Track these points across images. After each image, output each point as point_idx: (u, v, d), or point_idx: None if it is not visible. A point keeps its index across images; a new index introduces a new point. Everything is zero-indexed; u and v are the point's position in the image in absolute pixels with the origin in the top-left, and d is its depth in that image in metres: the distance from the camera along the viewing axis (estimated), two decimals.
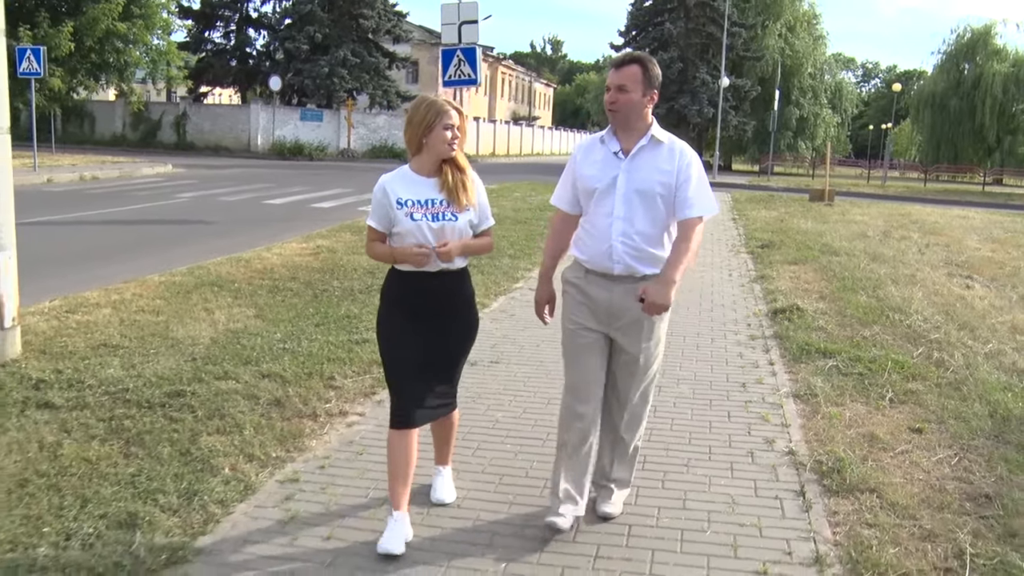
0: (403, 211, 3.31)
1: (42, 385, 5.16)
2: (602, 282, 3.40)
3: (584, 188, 3.43)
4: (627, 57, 3.37)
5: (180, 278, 8.60)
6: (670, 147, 3.37)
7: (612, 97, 3.33)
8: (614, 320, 3.41)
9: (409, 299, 3.40)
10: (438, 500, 3.73)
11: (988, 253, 13.39)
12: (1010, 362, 6.41)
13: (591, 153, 3.47)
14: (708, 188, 3.39)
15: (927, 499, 3.94)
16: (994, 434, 4.85)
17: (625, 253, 3.33)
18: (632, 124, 3.35)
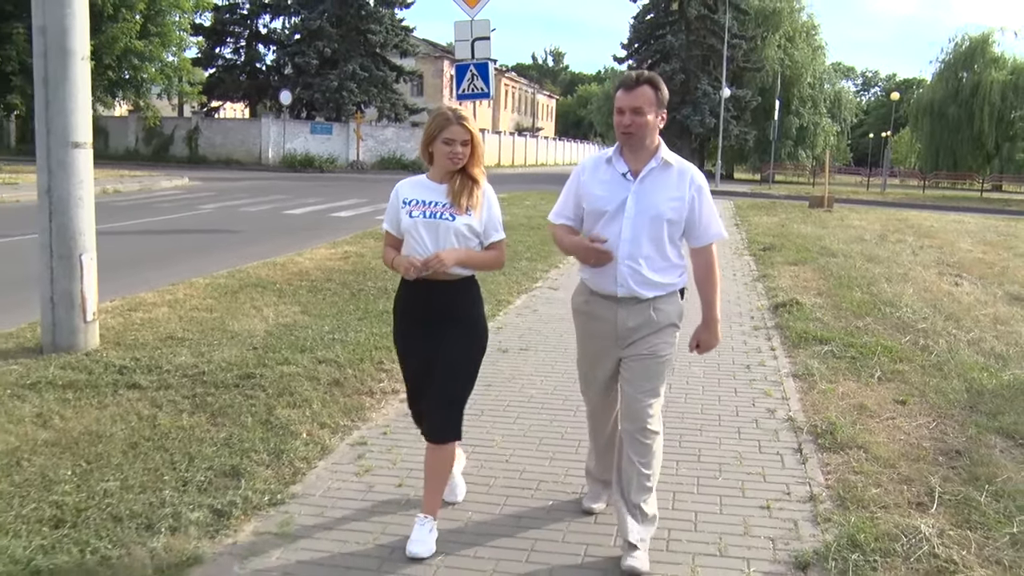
0: (405, 209, 3.38)
1: (125, 370, 5.82)
2: (607, 304, 3.40)
3: (592, 209, 3.39)
4: (638, 78, 3.30)
5: (224, 280, 9.28)
6: (680, 171, 3.35)
7: (628, 120, 3.26)
8: (622, 340, 3.41)
9: (409, 305, 3.46)
10: (412, 554, 3.36)
11: (979, 255, 14.05)
12: (989, 347, 7.07)
13: (597, 173, 3.42)
14: (715, 211, 3.42)
15: (906, 453, 4.60)
16: (969, 405, 5.51)
17: (629, 276, 3.31)
18: (644, 146, 3.33)
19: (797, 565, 3.39)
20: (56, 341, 6.18)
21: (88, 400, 5.19)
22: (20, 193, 20.21)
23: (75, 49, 5.97)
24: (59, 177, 6.04)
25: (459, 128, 3.30)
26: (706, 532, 3.67)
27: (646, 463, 3.39)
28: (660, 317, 3.37)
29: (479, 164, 3.40)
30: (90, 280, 6.33)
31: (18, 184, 22.51)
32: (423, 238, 3.33)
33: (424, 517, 3.46)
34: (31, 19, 6.05)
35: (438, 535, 3.48)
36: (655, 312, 3.36)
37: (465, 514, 3.83)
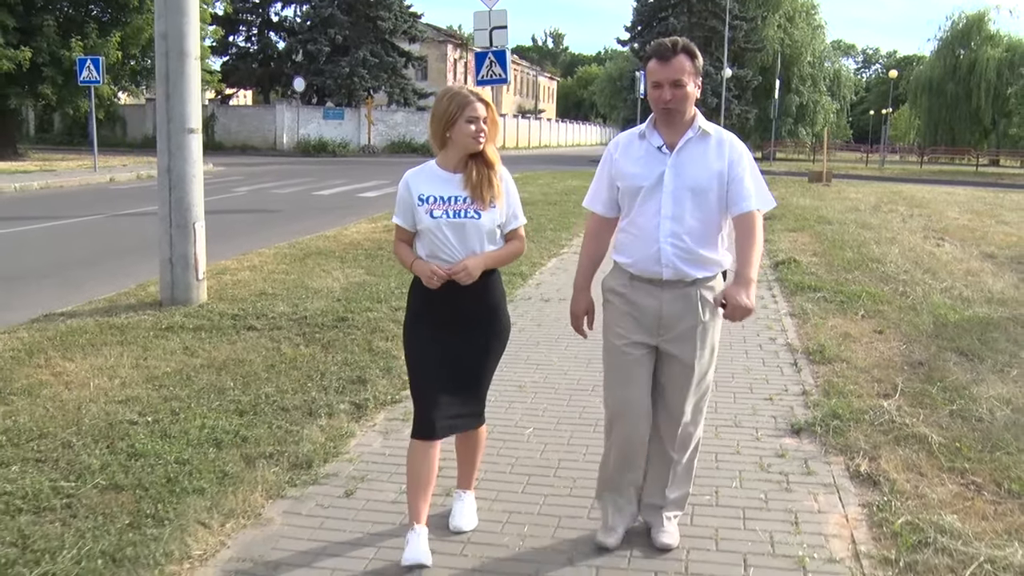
0: (423, 208, 3.16)
1: (238, 317, 7.05)
2: (650, 288, 3.14)
3: (628, 187, 3.16)
4: (673, 46, 3.03)
5: (287, 250, 10.51)
6: (719, 139, 3.12)
7: (668, 94, 3.01)
8: (665, 331, 3.15)
9: (431, 308, 3.22)
10: (456, 527, 3.43)
11: (965, 222, 15.26)
12: (958, 293, 8.30)
13: (631, 150, 3.19)
14: (763, 180, 3.15)
15: (879, 364, 5.84)
16: (934, 333, 6.74)
17: (675, 255, 3.06)
18: (682, 118, 3.10)
19: (793, 431, 4.63)
20: (174, 296, 7.40)
21: (218, 338, 6.43)
22: (62, 179, 21.43)
23: (190, 51, 7.15)
24: (177, 158, 7.23)
25: (481, 104, 3.10)
26: (724, 414, 4.89)
27: (688, 468, 3.37)
28: (704, 307, 3.12)
29: (493, 140, 3.20)
30: (201, 245, 7.54)
31: (56, 171, 23.70)
32: (448, 239, 3.14)
33: (464, 492, 3.55)
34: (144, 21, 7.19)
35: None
36: (700, 300, 3.11)
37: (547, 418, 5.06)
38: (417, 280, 3.27)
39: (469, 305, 3.22)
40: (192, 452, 4.18)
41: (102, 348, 6.11)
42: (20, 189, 19.16)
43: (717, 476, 4.04)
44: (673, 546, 3.30)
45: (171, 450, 4.19)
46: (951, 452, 4.27)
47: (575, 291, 3.42)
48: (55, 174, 22.51)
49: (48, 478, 3.86)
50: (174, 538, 3.35)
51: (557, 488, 3.94)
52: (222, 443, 4.33)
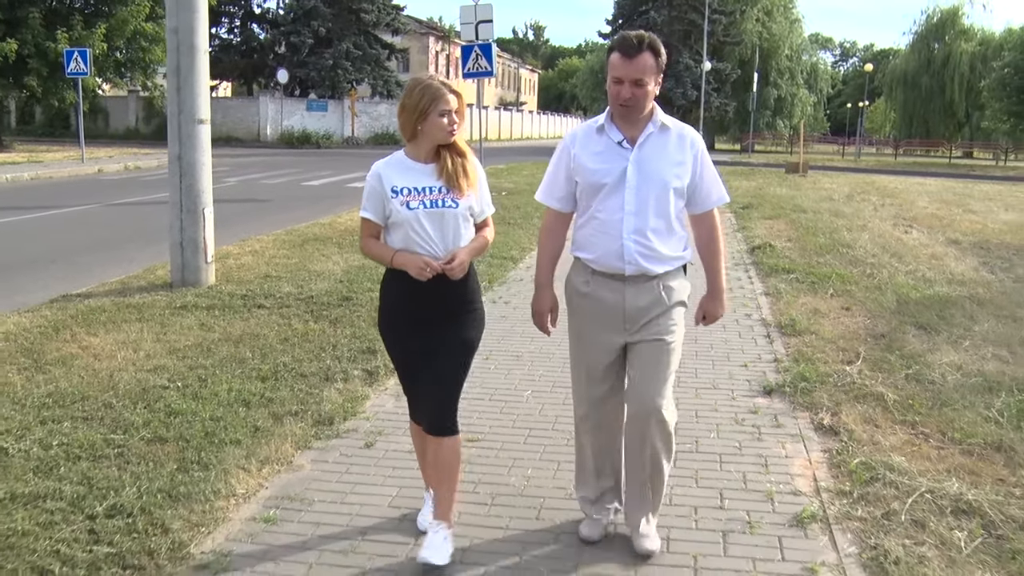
0: (398, 200, 3.05)
1: (247, 297, 7.47)
2: (613, 284, 3.12)
3: (588, 183, 3.11)
4: (639, 42, 2.97)
5: (285, 237, 10.92)
6: (679, 134, 3.11)
7: (628, 92, 2.97)
8: (631, 324, 3.14)
9: (411, 302, 3.13)
10: (424, 560, 3.09)
11: (933, 211, 15.89)
12: (921, 275, 8.86)
13: (589, 144, 3.13)
14: (717, 174, 3.22)
15: (844, 335, 6.36)
16: (897, 310, 7.28)
17: (637, 252, 3.06)
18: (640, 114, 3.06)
19: (765, 392, 5.14)
20: (184, 278, 7.81)
21: (231, 316, 6.85)
22: (51, 170, 21.64)
23: (200, 45, 7.55)
24: (188, 147, 7.64)
25: (452, 96, 3.04)
26: (703, 379, 5.39)
27: (660, 453, 3.19)
28: (669, 296, 3.12)
29: (460, 130, 3.14)
30: (210, 229, 7.96)
31: (44, 162, 23.89)
32: (426, 229, 3.05)
33: (438, 523, 3.18)
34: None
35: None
36: (664, 291, 3.12)
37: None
38: (391, 275, 3.16)
39: (450, 298, 3.13)
40: (224, 411, 4.63)
41: (122, 325, 6.53)
42: (11, 180, 19.39)
43: (696, 428, 4.54)
44: (655, 551, 3.23)
45: (204, 409, 4.63)
46: (904, 408, 4.80)
47: (537, 288, 3.33)
48: (44, 165, 22.72)
49: (98, 432, 4.30)
50: (219, 480, 3.80)
51: (555, 439, 4.43)
52: (250, 403, 4.78)
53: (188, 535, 3.34)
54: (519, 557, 3.26)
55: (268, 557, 3.24)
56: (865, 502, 3.65)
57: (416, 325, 3.15)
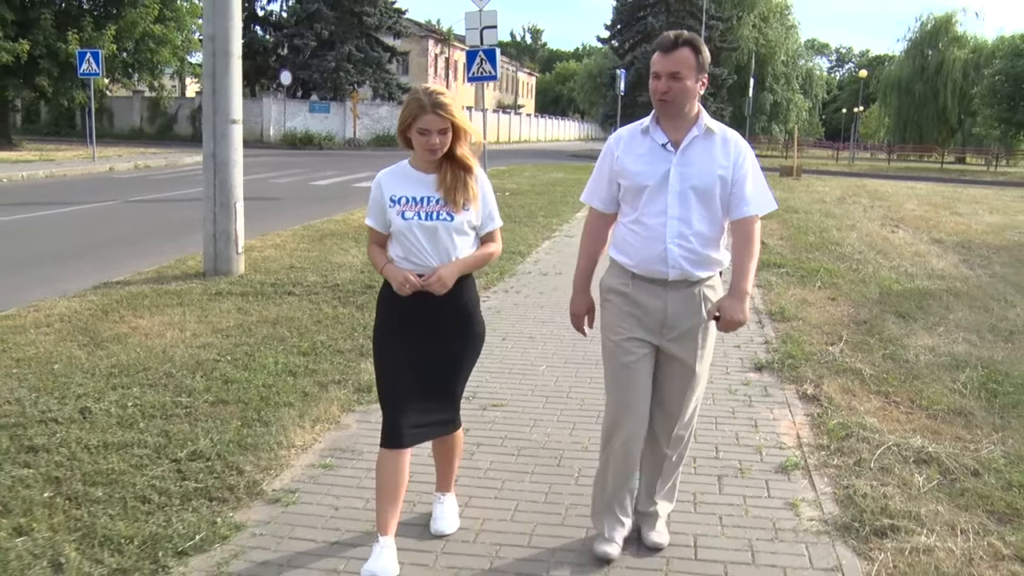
0: (395, 209, 3.05)
1: (276, 285, 8.04)
2: (654, 289, 3.07)
3: (631, 185, 3.08)
4: (677, 39, 2.98)
5: (303, 232, 11.48)
6: (723, 137, 3.06)
7: (664, 86, 2.96)
8: (668, 331, 3.09)
9: (403, 313, 3.10)
10: (438, 531, 3.37)
11: (921, 213, 16.51)
12: (904, 270, 9.46)
13: (633, 146, 3.11)
14: (765, 182, 3.12)
15: (829, 321, 6.95)
16: (879, 300, 7.87)
17: (681, 257, 3.00)
18: (683, 114, 3.02)
19: (756, 368, 5.72)
20: (217, 267, 8.37)
21: (265, 301, 7.42)
22: (64, 168, 22.17)
23: (233, 51, 8.11)
24: (222, 145, 8.20)
25: (434, 118, 2.94)
26: None
27: (679, 461, 3.35)
28: (707, 304, 3.08)
29: (465, 144, 3.07)
30: (240, 222, 8.51)
31: (56, 160, 24.41)
32: (420, 240, 3.04)
33: (443, 495, 3.47)
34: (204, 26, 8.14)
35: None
36: (703, 298, 3.07)
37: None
38: (388, 283, 3.15)
39: (442, 310, 3.08)
40: (274, 379, 5.20)
41: (165, 308, 7.09)
42: (27, 177, 19.92)
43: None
44: (664, 545, 3.32)
45: (257, 378, 5.20)
46: (879, 381, 5.39)
47: (575, 291, 3.34)
48: (56, 164, 23.22)
49: (165, 396, 4.87)
50: (279, 434, 4.37)
51: (569, 404, 5.00)
52: (296, 373, 5.35)
53: (259, 476, 3.91)
54: (544, 495, 3.83)
55: (330, 494, 3.81)
56: (840, 453, 4.24)
57: (410, 336, 3.11)
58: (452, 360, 3.18)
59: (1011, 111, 41.38)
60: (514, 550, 3.33)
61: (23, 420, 4.44)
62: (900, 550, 3.29)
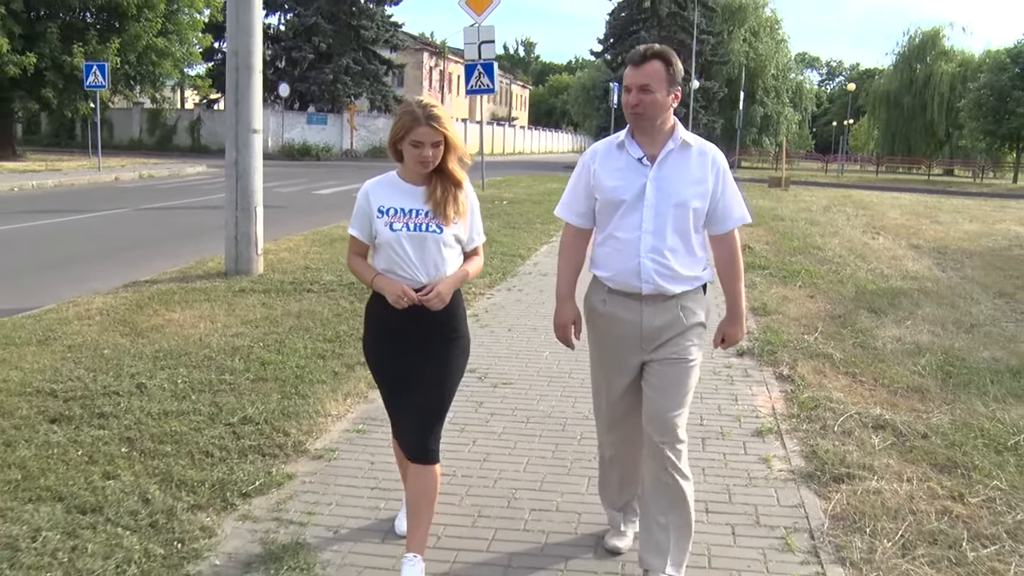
0: (383, 220, 3.01)
1: (294, 283, 8.62)
2: (629, 303, 3.08)
3: (607, 200, 3.08)
4: (647, 52, 2.99)
5: (313, 236, 12.08)
6: (700, 151, 3.06)
7: (634, 99, 2.96)
8: (647, 344, 3.09)
9: (390, 323, 3.07)
10: None
11: (903, 221, 17.20)
12: (880, 272, 10.11)
13: (609, 160, 3.10)
14: (739, 193, 3.16)
15: (807, 315, 7.58)
16: (855, 298, 8.51)
17: (655, 272, 3.00)
18: (656, 127, 3.02)
19: (738, 353, 6.33)
20: (238, 268, 8.96)
21: (286, 297, 8.00)
22: (71, 178, 22.73)
23: (255, 66, 8.73)
24: (244, 154, 8.80)
25: (427, 130, 2.93)
26: None
27: (674, 475, 3.10)
28: (687, 317, 3.07)
29: (456, 158, 3.05)
30: (260, 225, 9.11)
31: (62, 170, 24.96)
32: (407, 252, 3.00)
33: (413, 556, 3.08)
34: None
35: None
36: (682, 311, 3.06)
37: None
38: (374, 296, 3.13)
39: (433, 324, 3.05)
40: (305, 361, 5.79)
41: (194, 304, 7.67)
42: (38, 186, 20.47)
43: None
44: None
45: (289, 360, 5.79)
46: (848, 364, 6.01)
47: (559, 301, 3.32)
48: (63, 173, 23.77)
49: (210, 375, 5.45)
50: (316, 405, 4.96)
51: (571, 384, 5.60)
52: (324, 356, 5.95)
53: (303, 437, 4.50)
54: (551, 453, 4.43)
55: (365, 452, 4.40)
56: (808, 421, 4.85)
57: (397, 349, 3.09)
58: (441, 370, 3.11)
59: (996, 124, 42.26)
60: (528, 494, 3.93)
61: (88, 393, 5.02)
62: (853, 491, 3.90)
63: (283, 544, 3.37)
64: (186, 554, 3.26)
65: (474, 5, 19.25)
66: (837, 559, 3.34)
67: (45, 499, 3.63)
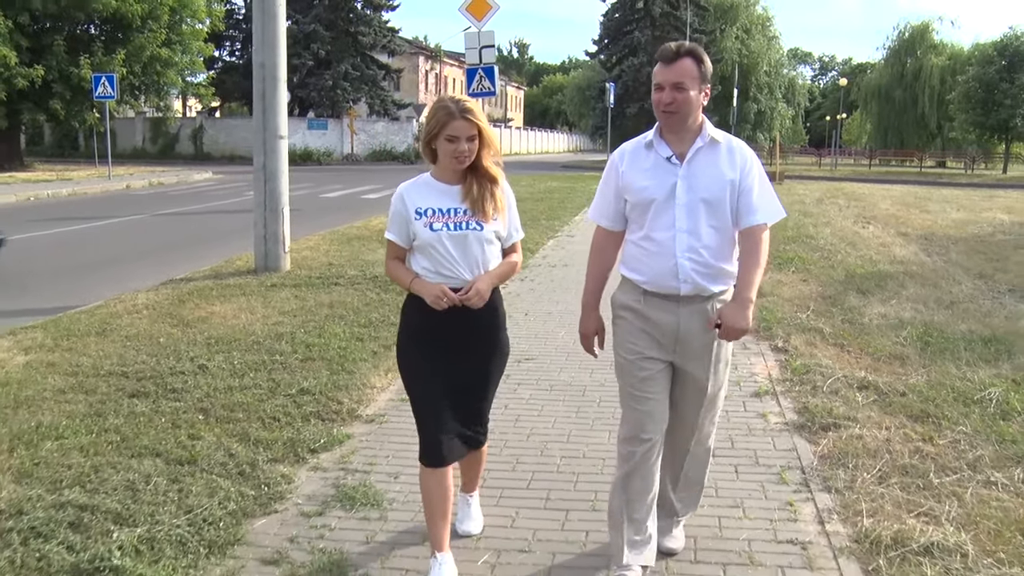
0: (421, 221, 3.00)
1: (321, 278, 9.22)
2: (666, 305, 3.02)
3: (638, 201, 3.04)
4: (679, 50, 2.96)
5: (330, 236, 12.69)
6: (728, 147, 3.02)
7: (668, 97, 2.93)
8: (682, 346, 3.05)
9: (429, 328, 3.06)
10: (465, 531, 3.46)
11: (893, 211, 17.83)
12: (868, 257, 10.74)
13: (638, 160, 3.07)
14: (772, 190, 3.07)
15: (799, 296, 8.20)
16: (844, 281, 9.13)
17: (693, 271, 2.95)
18: (687, 125, 2.98)
19: None
20: (267, 265, 9.56)
21: (316, 291, 8.61)
22: (83, 187, 23.32)
23: (280, 76, 9.34)
24: (271, 158, 9.41)
25: (463, 123, 2.94)
26: None
27: (702, 479, 3.29)
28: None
29: (490, 155, 3.05)
30: (287, 224, 9.72)
31: (74, 179, 25.54)
32: (449, 251, 3.00)
33: (469, 496, 3.55)
34: (252, 54, 9.36)
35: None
36: (714, 311, 3.01)
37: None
38: (411, 299, 3.12)
39: (472, 324, 3.05)
40: (346, 343, 6.40)
41: (231, 298, 8.26)
42: (52, 195, 21.06)
43: None
44: (677, 550, 3.36)
45: (332, 343, 6.40)
46: (836, 336, 6.64)
47: (584, 310, 3.28)
48: (75, 183, 24.34)
49: (261, 356, 6.05)
50: (362, 379, 5.57)
51: (588, 358, 6.09)
52: (363, 339, 6.56)
53: (354, 405, 5.11)
54: (575, 413, 5.04)
55: (410, 417, 4.98)
56: (801, 383, 5.47)
57: (435, 352, 3.07)
58: (482, 375, 3.15)
59: (984, 116, 42.93)
60: (557, 445, 4.55)
61: (156, 373, 5.63)
62: (839, 437, 4.52)
63: (353, 487, 3.97)
64: (272, 495, 3.87)
65: (474, 11, 19.71)
66: (824, 487, 3.96)
67: (145, 455, 4.24)
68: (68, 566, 3.14)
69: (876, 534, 3.42)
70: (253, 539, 3.47)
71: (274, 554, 3.35)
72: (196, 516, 3.58)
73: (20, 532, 3.36)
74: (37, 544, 3.28)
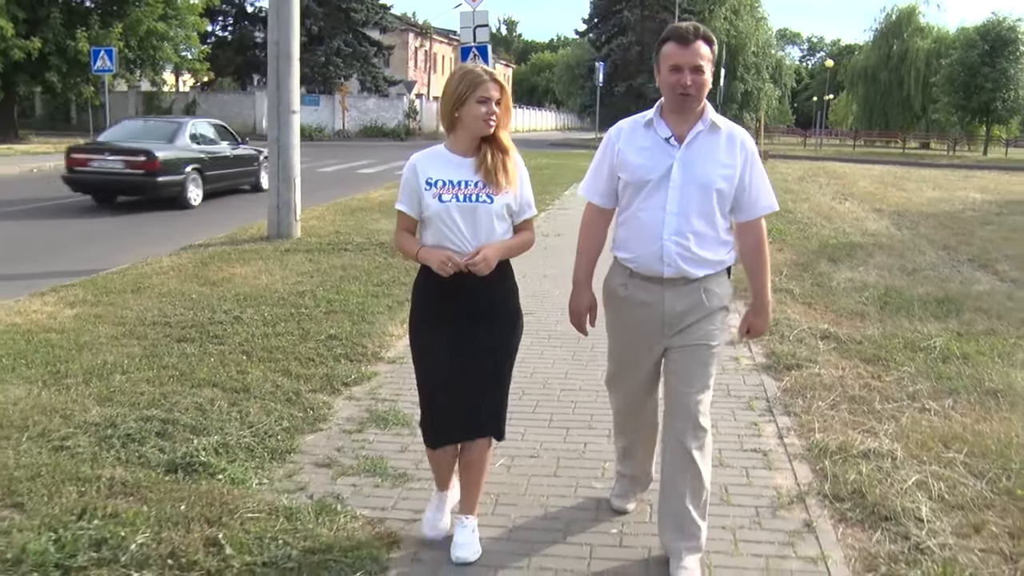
0: (431, 192, 2.96)
1: (330, 244, 9.87)
2: (650, 287, 3.02)
3: (632, 179, 3.01)
4: (696, 31, 2.90)
5: (333, 207, 13.32)
6: (729, 135, 2.99)
7: (688, 80, 2.86)
8: (669, 329, 3.04)
9: (441, 303, 3.04)
10: (459, 559, 3.12)
11: (871, 189, 18.60)
12: (842, 230, 11.49)
13: (635, 138, 3.03)
14: (766, 179, 3.09)
15: (774, 264, 8.79)
16: (817, 251, 9.87)
17: (677, 255, 2.94)
18: (695, 107, 2.94)
19: None
20: (280, 232, 10.20)
21: (327, 255, 9.26)
22: None
23: (293, 54, 9.93)
24: (284, 132, 10.02)
25: (493, 85, 2.93)
26: None
27: (698, 463, 3.06)
28: (711, 300, 3.02)
29: (506, 126, 3.02)
30: (298, 194, 10.35)
31: None
32: (457, 224, 2.96)
33: (466, 518, 3.24)
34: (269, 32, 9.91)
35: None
36: (705, 294, 3.00)
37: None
38: (422, 273, 3.10)
39: (482, 299, 3.02)
40: (363, 299, 7.08)
41: (249, 261, 8.91)
42: (55, 168, 21.49)
43: None
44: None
45: (350, 299, 7.07)
46: (805, 296, 7.37)
47: (575, 286, 3.30)
48: None
49: (289, 309, 6.73)
50: (382, 328, 6.26)
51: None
52: (378, 296, 7.24)
53: (377, 349, 5.80)
54: (571, 356, 5.74)
55: None
56: (770, 335, 6.18)
57: (447, 326, 3.04)
58: (495, 352, 3.09)
59: (967, 99, 43.80)
60: (557, 381, 5.26)
61: (197, 323, 6.30)
62: (800, 375, 5.25)
63: (384, 411, 4.66)
64: (317, 417, 4.56)
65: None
66: (784, 412, 4.70)
67: (204, 385, 4.92)
68: (164, 461, 3.83)
69: (824, 444, 4.16)
70: (306, 449, 4.16)
71: (325, 459, 4.04)
72: (258, 430, 4.27)
73: (119, 438, 4.05)
74: (134, 447, 3.98)
